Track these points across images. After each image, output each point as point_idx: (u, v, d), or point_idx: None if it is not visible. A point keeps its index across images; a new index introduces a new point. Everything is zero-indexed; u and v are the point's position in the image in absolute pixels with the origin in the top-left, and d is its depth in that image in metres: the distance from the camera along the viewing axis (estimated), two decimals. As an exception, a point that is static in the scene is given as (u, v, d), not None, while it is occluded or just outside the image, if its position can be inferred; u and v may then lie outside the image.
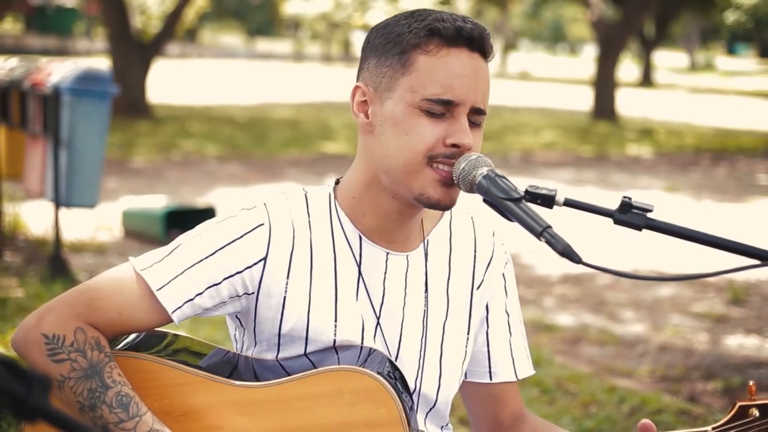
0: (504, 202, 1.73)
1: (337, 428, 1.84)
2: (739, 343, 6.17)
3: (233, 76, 35.34)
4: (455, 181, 1.84)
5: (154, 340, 1.97)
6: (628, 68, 46.17)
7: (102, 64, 16.47)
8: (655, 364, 5.69)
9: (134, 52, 18.05)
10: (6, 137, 7.54)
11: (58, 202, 6.71)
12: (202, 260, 1.88)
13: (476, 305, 2.08)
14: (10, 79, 7.31)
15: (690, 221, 10.17)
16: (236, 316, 2.00)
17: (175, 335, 2.02)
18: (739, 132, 20.96)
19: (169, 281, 1.86)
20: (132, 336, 1.97)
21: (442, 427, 2.10)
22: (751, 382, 1.89)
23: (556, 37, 75.25)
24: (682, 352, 5.92)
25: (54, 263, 6.71)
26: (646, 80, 39.39)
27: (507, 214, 1.74)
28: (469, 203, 1.97)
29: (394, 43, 1.88)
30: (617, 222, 1.70)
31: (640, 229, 1.69)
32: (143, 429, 1.79)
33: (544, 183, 12.89)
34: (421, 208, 1.93)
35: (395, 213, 1.94)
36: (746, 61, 68.19)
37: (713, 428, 1.87)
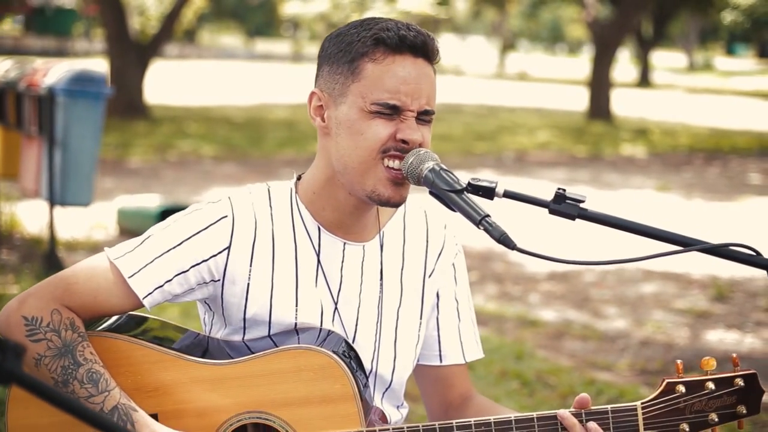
0: (447, 194, 1.88)
1: (296, 402, 2.00)
2: (719, 338, 6.31)
3: (232, 76, 35.46)
4: (404, 175, 1.99)
5: (131, 323, 2.14)
6: (626, 69, 46.26)
7: (100, 65, 16.63)
8: (635, 358, 5.83)
9: (132, 53, 18.16)
10: (2, 138, 7.70)
11: (53, 201, 6.87)
12: (170, 249, 2.04)
13: (428, 292, 2.24)
14: (6, 81, 7.47)
15: (679, 220, 10.32)
16: (205, 302, 2.16)
17: (153, 319, 2.19)
18: (733, 132, 21.06)
19: (140, 269, 2.02)
20: (112, 319, 2.13)
21: (398, 406, 2.26)
22: (678, 361, 2.03)
23: (554, 38, 75.36)
24: (662, 347, 6.06)
25: (49, 261, 6.86)
26: (644, 80, 39.44)
27: (450, 205, 1.89)
28: (424, 199, 2.11)
29: (344, 52, 2.03)
30: (552, 212, 1.84)
31: (573, 219, 1.83)
32: (111, 403, 1.95)
33: (537, 183, 13.05)
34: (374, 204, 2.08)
35: (351, 207, 2.10)
36: (745, 61, 68.25)
37: (642, 404, 2.01)
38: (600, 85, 21.94)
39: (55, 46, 40.01)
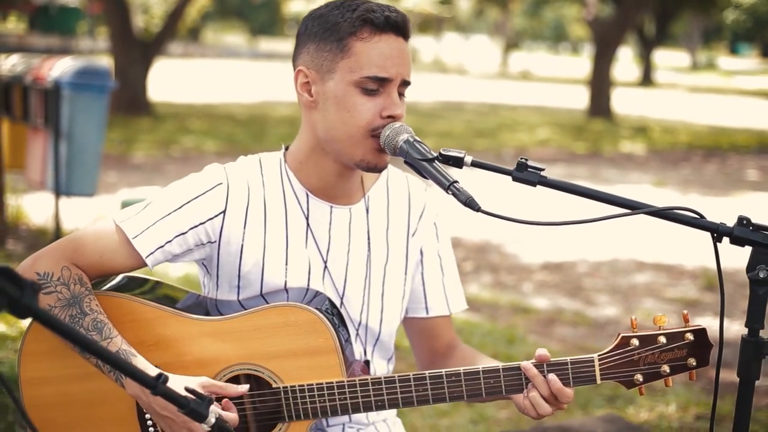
0: (420, 162, 2.08)
1: (283, 354, 2.19)
2: (707, 325, 6.41)
3: (235, 75, 35.67)
4: (381, 145, 2.18)
5: (134, 284, 2.34)
6: (628, 68, 46.35)
7: (104, 62, 16.81)
8: (623, 343, 5.99)
9: (135, 51, 18.33)
10: (9, 130, 7.89)
11: (59, 191, 7.07)
12: (171, 213, 2.24)
13: (412, 250, 2.45)
14: (13, 75, 7.66)
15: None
16: (203, 264, 2.36)
17: (155, 281, 2.39)
18: (733, 130, 21.19)
19: (143, 231, 2.22)
20: (117, 279, 2.33)
21: (388, 360, 2.48)
22: (633, 317, 2.20)
23: (557, 37, 75.51)
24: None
25: (55, 250, 7.04)
26: (646, 79, 39.56)
27: (423, 173, 2.08)
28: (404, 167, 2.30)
29: (331, 31, 2.21)
30: (515, 179, 2.02)
31: (534, 185, 2.00)
32: (113, 348, 2.14)
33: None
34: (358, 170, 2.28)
35: (336, 174, 2.30)
36: (748, 60, 68.36)
37: (599, 356, 2.19)
38: (600, 83, 22.06)
39: (59, 45, 40.15)
